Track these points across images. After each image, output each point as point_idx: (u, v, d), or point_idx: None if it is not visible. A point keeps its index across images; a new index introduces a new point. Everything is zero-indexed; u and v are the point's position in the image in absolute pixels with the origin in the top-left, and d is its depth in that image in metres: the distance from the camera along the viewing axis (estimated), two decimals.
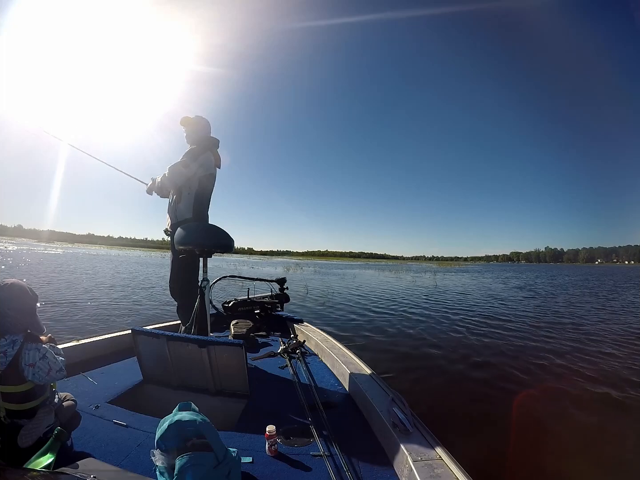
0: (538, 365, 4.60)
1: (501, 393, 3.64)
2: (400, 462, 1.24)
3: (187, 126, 2.64)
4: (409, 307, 9.72)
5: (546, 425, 2.93)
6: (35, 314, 1.31)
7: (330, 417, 1.63)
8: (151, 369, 2.03)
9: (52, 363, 1.22)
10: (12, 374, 1.16)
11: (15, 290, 1.24)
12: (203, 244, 2.25)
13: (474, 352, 5.23)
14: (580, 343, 5.83)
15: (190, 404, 1.19)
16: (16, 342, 1.18)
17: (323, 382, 2.14)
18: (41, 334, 1.31)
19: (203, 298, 2.31)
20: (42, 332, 1.31)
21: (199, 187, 2.54)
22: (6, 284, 1.24)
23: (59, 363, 1.25)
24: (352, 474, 1.21)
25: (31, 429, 1.16)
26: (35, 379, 1.18)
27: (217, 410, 1.73)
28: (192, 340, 1.90)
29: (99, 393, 1.79)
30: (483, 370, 4.36)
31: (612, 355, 5.09)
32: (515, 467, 2.31)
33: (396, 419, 1.38)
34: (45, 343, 1.28)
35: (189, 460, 0.99)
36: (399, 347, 5.37)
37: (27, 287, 1.30)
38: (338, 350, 2.46)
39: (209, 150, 2.60)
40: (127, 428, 1.47)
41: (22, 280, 1.31)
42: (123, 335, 2.52)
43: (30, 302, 1.29)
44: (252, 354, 2.62)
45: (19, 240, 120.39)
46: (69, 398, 1.39)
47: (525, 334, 6.44)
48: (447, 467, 1.14)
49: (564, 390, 3.74)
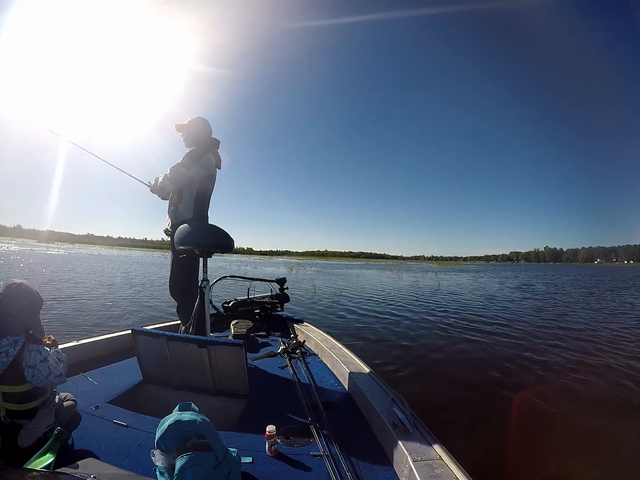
0: (538, 365, 4.60)
1: (501, 393, 3.64)
2: (400, 462, 1.24)
3: (181, 131, 2.67)
4: (410, 306, 9.72)
5: (546, 425, 2.93)
6: (38, 316, 1.32)
7: (330, 417, 1.63)
8: (151, 369, 2.03)
9: (53, 368, 1.22)
10: (13, 374, 1.16)
11: (21, 290, 1.25)
12: (203, 244, 2.25)
13: (475, 352, 5.23)
14: (580, 343, 5.84)
15: (190, 404, 1.19)
16: (17, 343, 1.18)
17: (323, 382, 2.14)
18: (42, 337, 1.31)
19: (203, 298, 2.31)
20: (42, 336, 1.31)
21: (200, 188, 2.54)
22: (14, 283, 1.25)
23: (59, 369, 1.25)
24: (352, 474, 1.21)
25: (31, 429, 1.16)
26: (34, 381, 1.18)
27: (217, 410, 1.73)
28: (192, 340, 1.90)
29: (99, 393, 1.79)
30: (483, 371, 4.36)
31: (612, 356, 5.09)
32: (515, 467, 2.31)
33: (396, 419, 1.38)
34: (49, 346, 1.29)
35: (189, 461, 0.99)
36: (400, 346, 5.37)
37: (34, 289, 1.31)
38: (338, 350, 2.46)
39: (210, 151, 2.60)
40: (127, 428, 1.47)
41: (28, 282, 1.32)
42: (123, 335, 2.52)
43: (35, 303, 1.30)
44: (252, 354, 2.62)
45: (19, 240, 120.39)
46: (69, 398, 1.40)
47: (526, 335, 6.44)
48: (447, 467, 1.14)
49: (564, 390, 3.74)
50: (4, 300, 1.20)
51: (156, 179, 2.66)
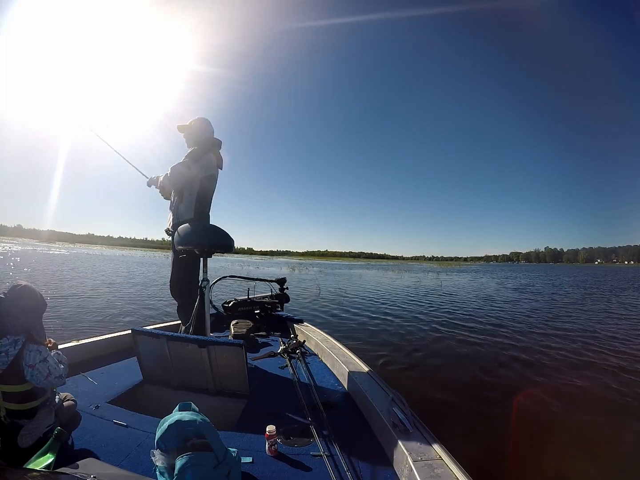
0: (538, 365, 4.61)
1: (501, 393, 3.64)
2: (400, 462, 1.24)
3: (183, 131, 2.67)
4: (410, 306, 9.73)
5: (546, 425, 2.93)
6: (39, 319, 1.32)
7: (330, 417, 1.63)
8: (151, 369, 2.03)
9: (53, 369, 1.23)
10: (13, 374, 1.16)
11: (24, 292, 1.26)
12: (203, 244, 2.25)
13: (475, 352, 5.23)
14: (581, 344, 5.83)
15: (190, 404, 1.19)
16: (18, 342, 1.18)
17: (323, 382, 2.14)
18: (43, 339, 1.31)
19: (203, 298, 2.31)
20: (43, 338, 1.32)
21: (201, 188, 2.54)
22: (18, 284, 1.26)
23: (59, 370, 1.26)
24: (352, 474, 1.21)
25: (31, 429, 1.16)
26: (33, 381, 1.19)
27: (217, 410, 1.73)
28: (192, 340, 1.90)
29: (99, 393, 1.79)
30: (484, 371, 4.36)
31: (613, 356, 5.09)
32: (515, 467, 2.31)
33: (396, 419, 1.38)
34: (49, 348, 1.29)
35: (189, 461, 0.99)
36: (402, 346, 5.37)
37: (38, 292, 1.32)
38: (338, 350, 2.46)
39: (210, 151, 2.60)
40: (127, 428, 1.47)
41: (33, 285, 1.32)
42: (123, 335, 2.52)
43: (37, 305, 1.30)
44: (252, 354, 2.62)
45: (19, 240, 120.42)
46: (69, 398, 1.40)
47: (526, 335, 6.44)
48: (447, 467, 1.14)
49: (564, 390, 3.74)
50: (6, 300, 1.21)
51: (157, 177, 2.67)
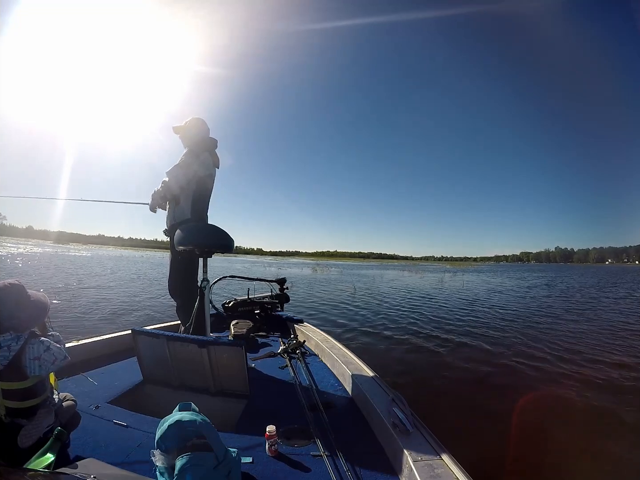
0: (539, 366, 4.61)
1: (502, 393, 3.64)
2: (400, 462, 1.23)
3: (179, 132, 2.68)
4: (459, 310, 9.74)
5: (546, 426, 2.93)
6: (43, 320, 1.33)
7: (331, 418, 1.62)
8: (151, 369, 2.03)
9: (57, 353, 1.25)
10: (14, 371, 1.16)
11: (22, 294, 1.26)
12: (204, 244, 2.25)
13: (476, 353, 5.23)
14: (582, 346, 5.83)
15: (190, 404, 1.19)
16: (20, 338, 1.19)
17: (323, 383, 2.14)
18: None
19: (203, 298, 2.31)
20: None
21: (197, 188, 2.54)
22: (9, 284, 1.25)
23: (62, 351, 1.28)
24: (352, 474, 1.21)
25: (31, 429, 1.16)
26: (42, 372, 1.20)
27: (217, 411, 1.72)
28: (192, 341, 1.90)
29: (99, 393, 1.79)
30: (484, 371, 4.36)
31: (613, 357, 5.09)
32: (515, 467, 2.31)
33: (396, 419, 1.38)
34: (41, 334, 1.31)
35: (189, 461, 0.99)
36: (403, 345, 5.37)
37: (40, 294, 1.32)
38: (338, 351, 2.46)
39: (207, 150, 2.60)
40: (127, 428, 1.47)
41: (40, 291, 1.34)
42: (123, 335, 2.52)
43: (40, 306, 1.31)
44: (252, 354, 2.62)
45: (33, 241, 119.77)
46: (69, 398, 1.39)
47: (528, 337, 6.44)
48: (447, 467, 1.13)
49: (565, 391, 3.74)
50: (7, 300, 1.21)
51: (154, 191, 2.58)
